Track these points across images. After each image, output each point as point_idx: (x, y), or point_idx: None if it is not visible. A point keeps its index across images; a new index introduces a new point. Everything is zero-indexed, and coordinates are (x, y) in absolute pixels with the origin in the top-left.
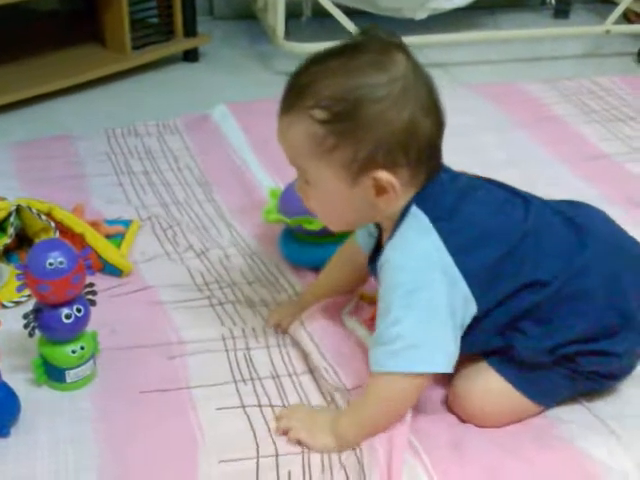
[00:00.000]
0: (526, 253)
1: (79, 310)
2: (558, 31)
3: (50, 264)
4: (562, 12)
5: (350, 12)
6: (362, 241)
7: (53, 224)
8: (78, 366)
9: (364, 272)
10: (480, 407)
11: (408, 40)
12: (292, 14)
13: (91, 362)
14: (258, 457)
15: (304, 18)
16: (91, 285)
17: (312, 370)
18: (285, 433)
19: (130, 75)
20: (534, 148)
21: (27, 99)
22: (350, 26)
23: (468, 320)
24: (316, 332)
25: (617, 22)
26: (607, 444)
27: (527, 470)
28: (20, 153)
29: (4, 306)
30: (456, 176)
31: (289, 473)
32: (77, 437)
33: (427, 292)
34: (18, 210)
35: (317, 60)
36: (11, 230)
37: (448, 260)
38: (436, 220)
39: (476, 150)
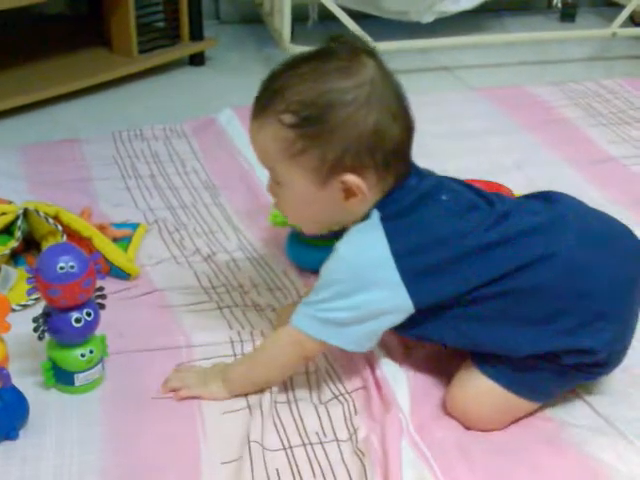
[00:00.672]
0: (475, 260)
1: (89, 314)
2: (565, 34)
3: (61, 268)
4: (568, 15)
5: (356, 16)
6: None
7: (60, 227)
8: (87, 370)
9: None
10: (476, 412)
11: (415, 43)
12: (298, 18)
13: (100, 366)
14: (263, 452)
15: (310, 22)
16: (101, 289)
17: (316, 370)
18: (174, 391)
19: (137, 79)
20: (541, 151)
21: (34, 102)
22: (356, 30)
23: (402, 316)
24: None
25: (623, 25)
26: (616, 447)
27: (536, 475)
28: (27, 156)
29: (12, 309)
30: (423, 179)
31: (298, 469)
32: (83, 440)
33: (359, 295)
34: (25, 213)
35: (288, 65)
36: (18, 233)
37: (387, 257)
38: (385, 219)
39: (483, 153)
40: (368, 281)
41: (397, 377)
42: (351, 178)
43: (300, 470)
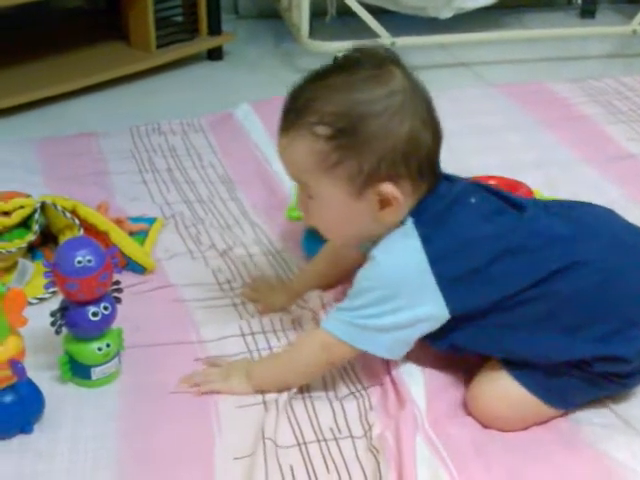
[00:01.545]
0: (509, 264)
1: (106, 308)
2: (584, 31)
3: (79, 262)
4: (588, 12)
5: (375, 11)
6: None
7: (77, 221)
8: (104, 363)
9: (350, 267)
10: (498, 413)
11: (434, 39)
12: (316, 13)
13: (116, 359)
14: (277, 449)
15: (328, 17)
16: (117, 283)
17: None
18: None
19: (154, 73)
20: (560, 148)
21: (52, 97)
22: (375, 25)
23: (437, 324)
24: None
25: None
26: (631, 446)
27: (551, 473)
28: (45, 150)
29: (29, 303)
30: (452, 184)
31: (312, 465)
32: (98, 434)
33: (396, 301)
34: (43, 207)
35: (316, 77)
36: (36, 227)
37: (424, 263)
38: (419, 225)
39: (502, 150)
40: (406, 288)
41: (413, 374)
42: (388, 188)
43: (314, 466)
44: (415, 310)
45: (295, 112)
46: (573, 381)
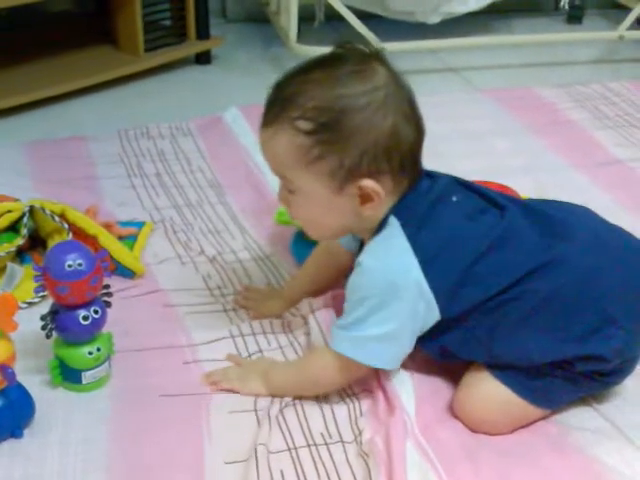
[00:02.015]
0: (491, 263)
1: (96, 312)
2: (572, 36)
3: (69, 266)
4: (575, 17)
5: (363, 16)
6: (344, 240)
7: (66, 225)
8: (94, 367)
9: (341, 269)
10: (484, 416)
11: (422, 44)
12: (305, 17)
13: (107, 364)
14: (268, 454)
15: (317, 21)
16: (107, 287)
17: None
18: (215, 385)
19: (142, 77)
20: (547, 153)
21: (40, 100)
22: (363, 30)
23: (430, 323)
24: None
25: (631, 28)
26: (621, 451)
27: (541, 478)
28: (33, 153)
29: (18, 307)
30: (434, 182)
31: (302, 470)
32: (89, 438)
33: (393, 304)
34: (31, 211)
35: (300, 71)
36: (24, 231)
37: (414, 265)
38: (406, 226)
39: (490, 155)
40: (399, 290)
41: (402, 379)
42: (369, 183)
43: (305, 471)
44: (411, 308)
45: (277, 106)
46: (557, 381)
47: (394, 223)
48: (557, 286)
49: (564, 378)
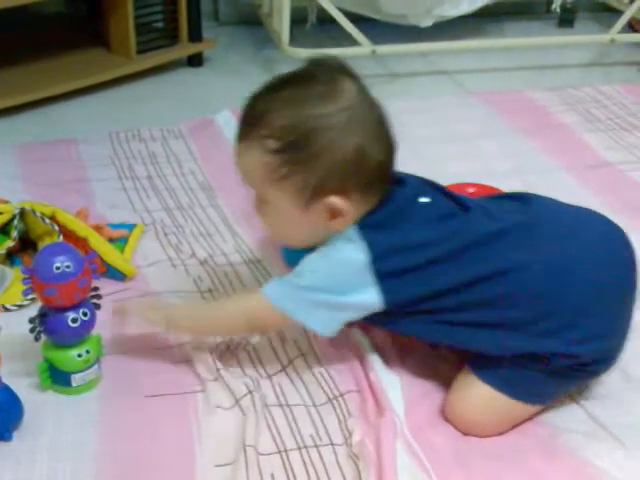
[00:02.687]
0: (455, 261)
1: (85, 314)
2: (563, 40)
3: (57, 268)
4: (567, 21)
5: (355, 19)
6: None
7: (57, 228)
8: (84, 370)
9: None
10: (473, 417)
11: (414, 47)
12: (297, 20)
13: (96, 366)
14: (258, 456)
15: (309, 24)
16: (96, 289)
17: (311, 371)
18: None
19: (134, 79)
20: (538, 156)
21: (32, 102)
22: (355, 33)
23: (371, 311)
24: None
25: (622, 31)
26: (612, 453)
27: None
28: (24, 155)
29: (7, 309)
30: (403, 189)
31: (292, 472)
32: (78, 441)
33: (335, 286)
34: (22, 213)
35: (270, 89)
36: (14, 233)
37: (365, 261)
38: (363, 231)
39: (480, 158)
40: (344, 283)
41: (391, 381)
42: (335, 200)
43: (295, 473)
44: (350, 296)
45: (248, 123)
46: (537, 375)
47: (352, 229)
48: (514, 292)
49: (545, 372)
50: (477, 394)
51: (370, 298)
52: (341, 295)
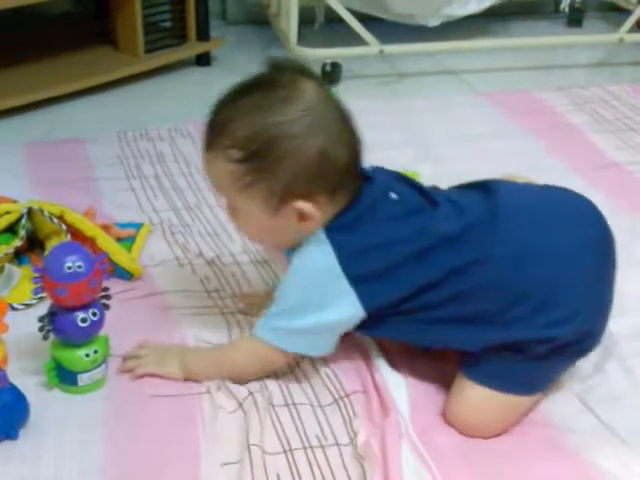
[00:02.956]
0: (425, 258)
1: (94, 314)
2: (571, 39)
3: (69, 267)
4: (575, 20)
5: (363, 18)
6: None
7: (65, 227)
8: (91, 370)
9: None
10: (473, 421)
11: (422, 47)
12: (305, 20)
13: (103, 366)
14: (264, 455)
15: (317, 24)
16: (106, 290)
17: (317, 372)
18: (131, 371)
19: (142, 79)
20: (545, 156)
21: (39, 101)
22: (363, 32)
23: (355, 322)
24: None
25: (631, 31)
26: (616, 453)
27: None
28: (32, 155)
29: (14, 308)
30: (371, 186)
31: (298, 472)
32: (84, 440)
33: (314, 311)
34: (29, 213)
35: (232, 97)
36: (22, 232)
37: (334, 265)
38: (330, 230)
39: (487, 158)
40: (320, 296)
41: (396, 383)
42: (302, 204)
43: (300, 474)
44: (330, 312)
45: (212, 133)
46: (521, 364)
47: (320, 230)
48: (482, 283)
49: (528, 360)
50: (471, 396)
51: (349, 308)
52: (320, 311)
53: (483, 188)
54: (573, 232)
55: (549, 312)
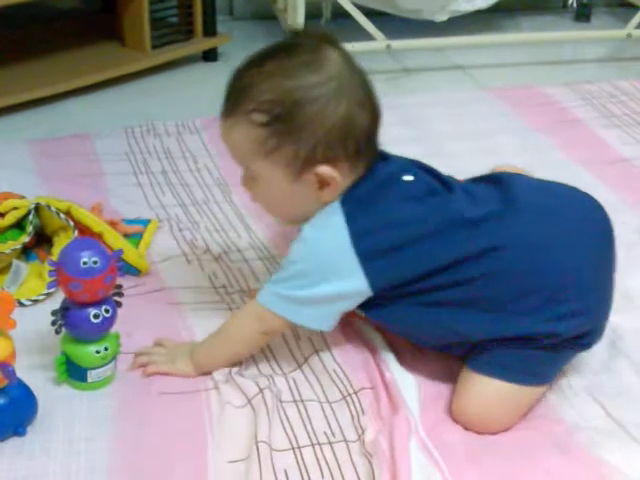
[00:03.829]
0: (426, 246)
1: (107, 311)
2: (579, 34)
3: (84, 263)
4: (583, 15)
5: (370, 13)
6: None
7: (72, 223)
8: (100, 366)
9: None
10: (479, 412)
11: (429, 42)
12: (312, 15)
13: (112, 363)
14: (271, 452)
15: (324, 19)
16: (119, 287)
17: (325, 368)
18: (143, 367)
19: (149, 74)
20: (554, 152)
21: (46, 97)
22: (370, 27)
23: (360, 299)
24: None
25: (638, 26)
26: (626, 450)
27: (545, 479)
28: (39, 150)
29: (22, 304)
30: (387, 164)
31: (306, 469)
32: (92, 437)
33: (321, 282)
34: (37, 208)
35: (253, 63)
36: (30, 228)
37: (345, 239)
38: (345, 202)
39: (495, 153)
40: (327, 268)
41: (406, 380)
42: (325, 169)
43: (308, 470)
44: (335, 285)
45: (233, 98)
46: (528, 353)
47: (336, 201)
48: (494, 271)
49: (536, 349)
50: (477, 388)
51: (355, 283)
52: (325, 283)
53: (494, 180)
54: (581, 228)
55: (558, 306)
